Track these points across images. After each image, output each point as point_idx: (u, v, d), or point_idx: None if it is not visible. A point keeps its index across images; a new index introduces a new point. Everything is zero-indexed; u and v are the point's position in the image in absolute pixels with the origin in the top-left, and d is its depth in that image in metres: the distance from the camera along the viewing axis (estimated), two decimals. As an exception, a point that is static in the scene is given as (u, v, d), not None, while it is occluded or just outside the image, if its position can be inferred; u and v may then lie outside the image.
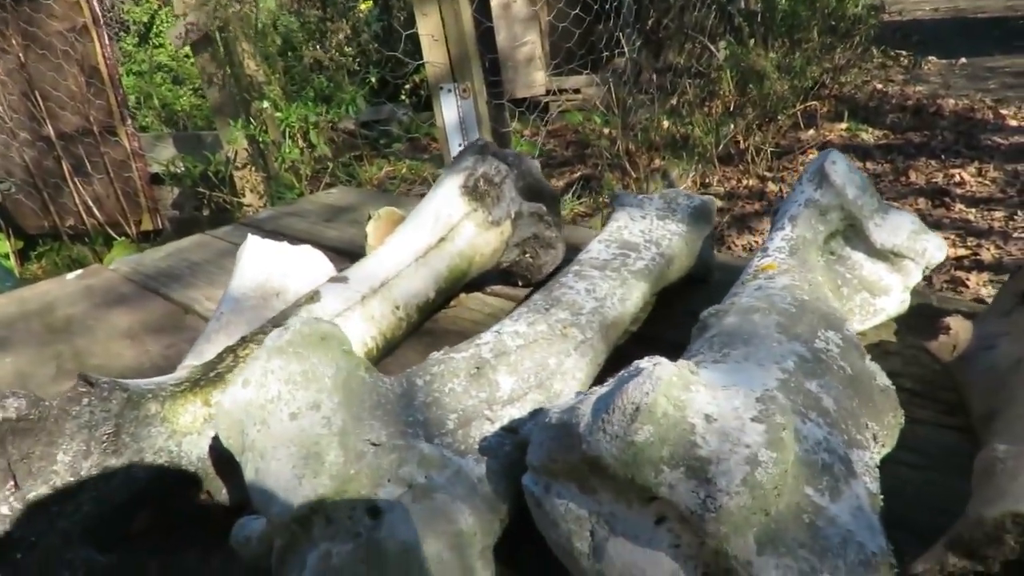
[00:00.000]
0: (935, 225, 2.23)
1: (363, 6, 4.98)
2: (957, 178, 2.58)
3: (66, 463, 0.38)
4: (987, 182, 2.55)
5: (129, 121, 2.49)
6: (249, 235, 0.67)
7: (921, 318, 0.56)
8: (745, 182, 2.81)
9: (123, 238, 2.65)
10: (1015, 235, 2.14)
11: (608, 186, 2.37)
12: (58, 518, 0.37)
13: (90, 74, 2.44)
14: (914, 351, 0.53)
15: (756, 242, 2.28)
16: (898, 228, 0.54)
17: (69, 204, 2.71)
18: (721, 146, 2.83)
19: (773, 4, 3.67)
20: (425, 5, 1.88)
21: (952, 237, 2.16)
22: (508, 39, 4.00)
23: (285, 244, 0.67)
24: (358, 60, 1.90)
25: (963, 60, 4.74)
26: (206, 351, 0.56)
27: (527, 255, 0.68)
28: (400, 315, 0.55)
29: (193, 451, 0.42)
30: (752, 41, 3.16)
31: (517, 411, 0.39)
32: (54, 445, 0.38)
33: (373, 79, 1.86)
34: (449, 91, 1.96)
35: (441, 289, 0.58)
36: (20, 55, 2.46)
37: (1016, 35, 5.33)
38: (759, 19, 3.59)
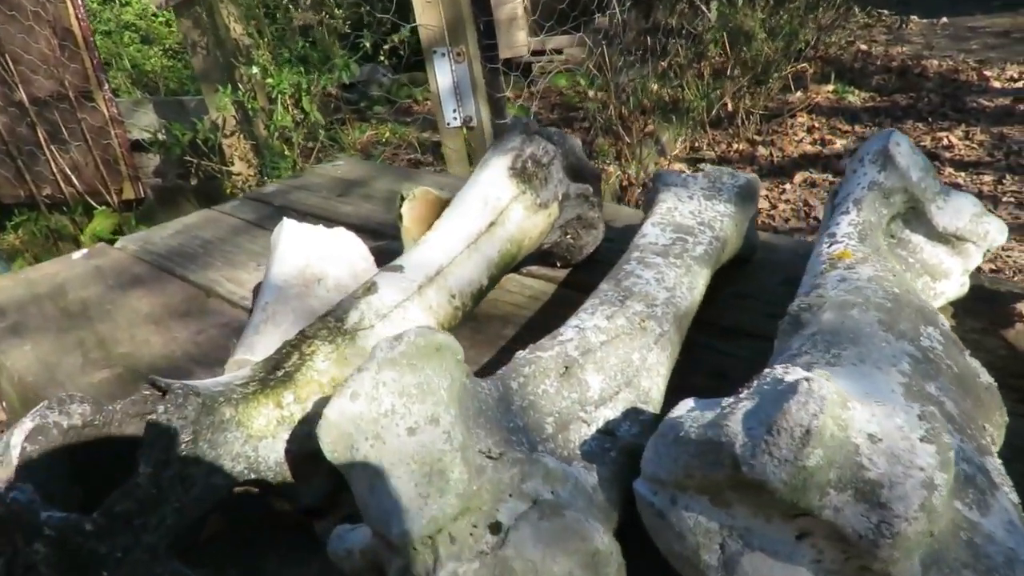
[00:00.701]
0: (926, 189, 2.24)
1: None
2: (945, 141, 2.60)
3: (147, 474, 0.36)
4: (974, 145, 2.57)
5: (106, 86, 2.40)
6: (285, 219, 0.65)
7: (977, 301, 0.56)
8: (736, 146, 2.80)
9: (103, 207, 2.57)
10: (1004, 199, 2.17)
11: (603, 152, 2.35)
12: (143, 532, 0.35)
13: (63, 36, 2.34)
14: (976, 336, 0.53)
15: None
16: (960, 211, 0.53)
17: (45, 172, 2.62)
18: (716, 111, 2.81)
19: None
20: (418, -35, 1.82)
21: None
22: (491, -2, 3.91)
23: (321, 227, 0.65)
24: (348, 23, 1.84)
25: (944, 20, 4.74)
26: (257, 344, 0.54)
27: (568, 236, 0.67)
28: (456, 304, 0.53)
29: (270, 455, 0.40)
30: (740, 1, 3.12)
31: (610, 412, 0.38)
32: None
33: (367, 43, 1.80)
34: (443, 55, 1.91)
35: (493, 276, 0.57)
36: (-13, 16, 2.34)
37: (996, -6, 5.32)
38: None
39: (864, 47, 3.97)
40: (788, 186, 2.40)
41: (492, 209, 0.57)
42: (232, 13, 1.74)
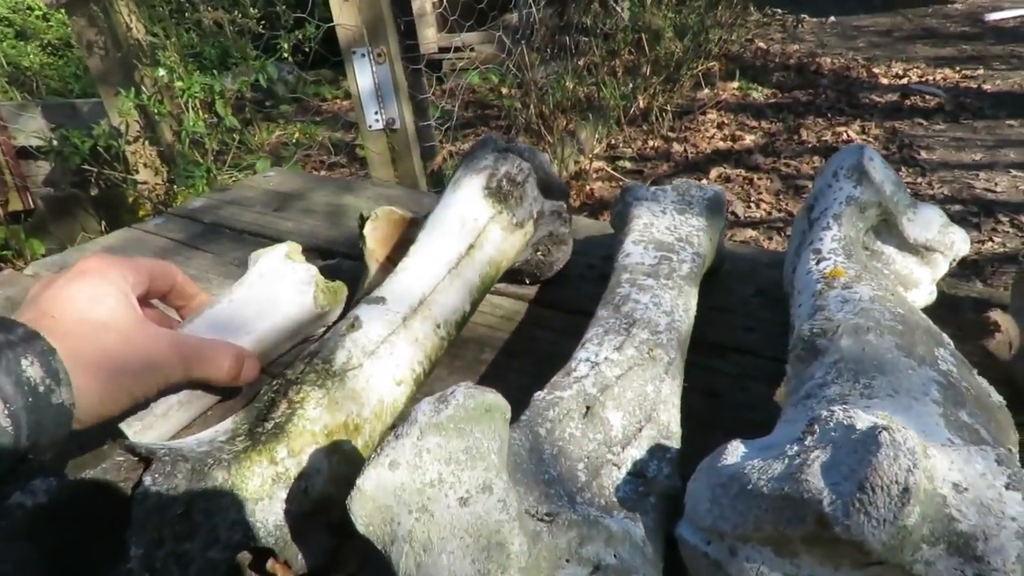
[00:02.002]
0: (832, 183, 2.36)
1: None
2: (845, 136, 2.74)
3: (139, 556, 0.32)
4: (871, 139, 2.73)
5: (-14, 88, 2.20)
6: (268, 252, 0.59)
7: (941, 308, 0.58)
8: (651, 143, 2.87)
9: (-13, 220, 2.36)
10: (902, 190, 2.31)
11: (528, 152, 2.34)
12: (137, 624, 0.31)
13: (-68, 33, 2.12)
14: (947, 342, 0.55)
15: (670, 204, 2.34)
16: (929, 222, 0.55)
17: (-84, 183, 2.38)
18: (630, 108, 2.86)
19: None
20: (333, -38, 1.75)
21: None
22: (400, -6, 3.84)
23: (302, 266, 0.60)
24: (263, 22, 1.75)
25: (832, 19, 5.02)
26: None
27: (539, 253, 0.65)
28: (441, 334, 0.50)
29: (268, 518, 0.37)
30: (648, 1, 3.19)
31: (636, 451, 0.37)
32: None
33: (285, 44, 1.72)
34: (363, 56, 1.85)
35: (475, 300, 0.54)
36: None
37: (875, -6, 5.67)
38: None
39: (763, 45, 4.15)
40: (705, 182, 2.47)
41: (470, 231, 0.55)
42: (133, 11, 1.62)
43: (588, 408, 0.37)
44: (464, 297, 0.53)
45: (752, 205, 2.23)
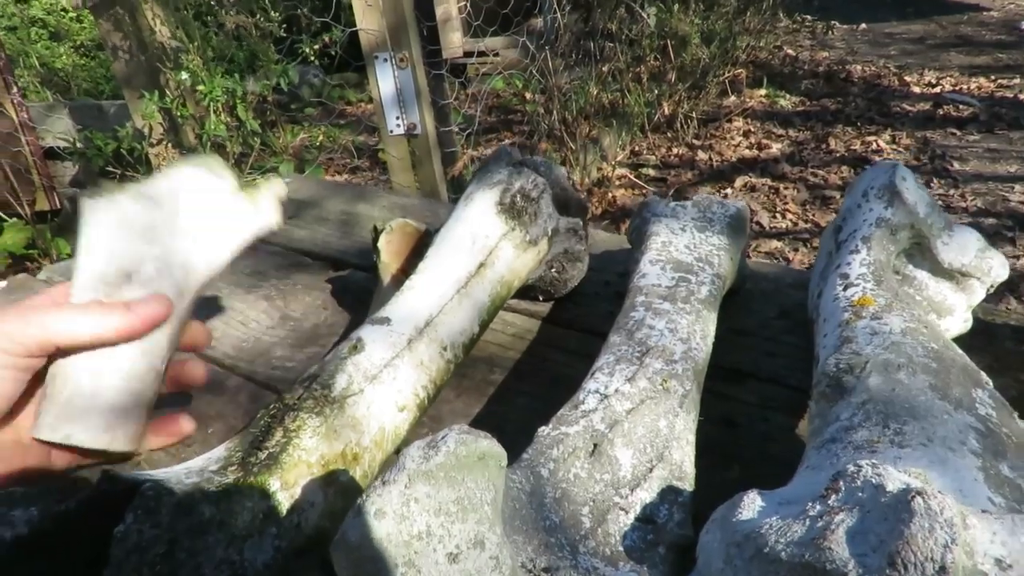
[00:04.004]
0: (860, 193, 2.31)
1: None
2: (874, 145, 2.68)
3: (116, 601, 0.30)
4: (901, 149, 2.67)
5: (15, 90, 2.23)
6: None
7: (975, 336, 0.55)
8: (675, 150, 2.83)
9: (14, 219, 2.39)
10: (933, 202, 2.25)
11: (548, 158, 2.32)
12: (113, 670, 0.30)
13: (-35, 35, 2.16)
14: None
15: (694, 213, 2.30)
16: (965, 246, 0.52)
17: (-54, 182, 2.41)
18: (657, 115, 2.82)
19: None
20: (357, -33, 1.75)
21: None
22: (425, -1, 3.85)
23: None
24: (284, 26, 1.74)
25: (864, 26, 4.94)
26: None
27: (553, 270, 0.63)
28: (448, 357, 0.48)
29: (257, 557, 0.35)
30: (676, 6, 3.15)
31: (646, 494, 0.35)
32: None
33: (307, 49, 1.71)
34: (385, 60, 1.84)
35: (484, 322, 0.52)
36: None
37: (907, 2, 5.59)
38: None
39: (791, 52, 4.08)
40: (729, 191, 2.43)
41: (481, 249, 0.53)
42: (157, 15, 1.63)
43: (595, 446, 0.35)
44: (473, 318, 0.51)
45: (778, 215, 2.19)
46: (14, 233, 2.33)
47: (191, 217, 0.46)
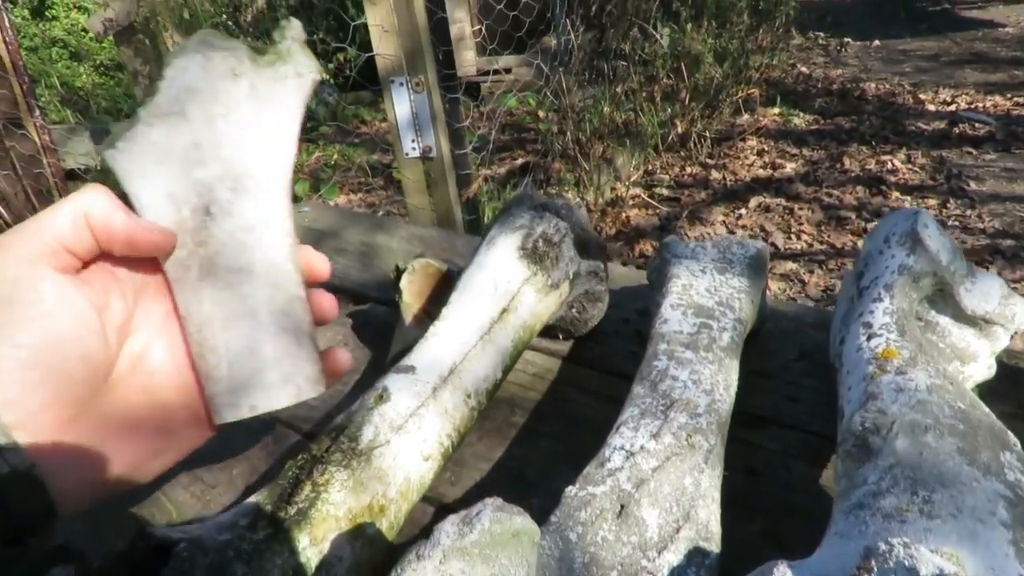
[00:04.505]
0: (876, 214, 2.31)
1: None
2: (890, 165, 2.68)
3: (151, 663, 0.31)
4: (916, 169, 2.66)
5: (38, 113, 2.27)
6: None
7: (999, 380, 0.55)
8: (689, 169, 2.83)
9: (35, 240, 2.42)
10: (949, 223, 2.24)
11: (565, 181, 2.33)
12: None
13: (-11, 60, 2.20)
14: (1006, 422, 0.52)
15: (708, 233, 2.31)
16: (988, 293, 0.52)
17: (-31, 203, 2.45)
18: (670, 135, 2.83)
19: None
20: (374, -7, 1.77)
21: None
22: (440, 18, 3.89)
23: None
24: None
25: (877, 43, 4.94)
26: None
27: (573, 310, 0.64)
28: (472, 404, 0.49)
29: (287, 616, 0.35)
30: (689, 26, 3.17)
31: (673, 556, 0.35)
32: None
33: (328, 77, 1.73)
34: (401, 84, 1.86)
35: (507, 367, 0.53)
36: (-96, 38, 2.19)
37: (921, 18, 5.59)
38: (690, 1, 3.62)
39: (805, 70, 4.09)
40: (744, 211, 2.43)
41: (503, 294, 0.53)
42: (177, 41, 1.65)
43: (622, 507, 0.35)
44: (496, 364, 0.51)
45: (793, 236, 2.19)
46: (35, 253, 2.36)
47: (229, 110, 0.38)
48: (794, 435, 0.53)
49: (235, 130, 0.38)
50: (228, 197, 0.37)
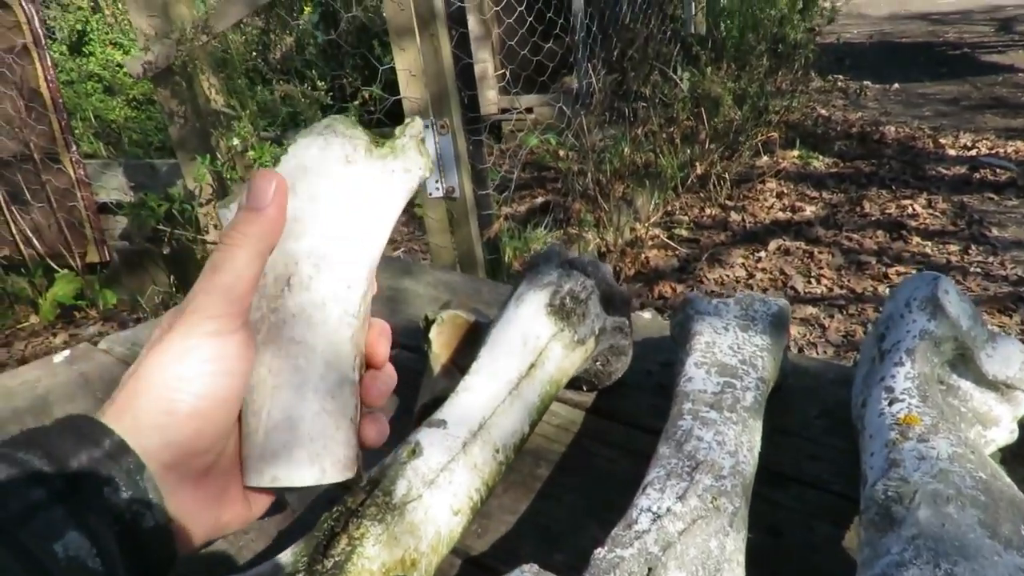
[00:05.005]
0: (897, 259, 2.31)
1: (306, 9, 4.86)
2: (910, 210, 2.68)
3: None
4: (937, 214, 2.66)
5: (74, 148, 2.34)
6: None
7: (1022, 444, 0.55)
8: (708, 211, 2.85)
9: (66, 271, 2.48)
10: (971, 270, 2.23)
11: (585, 221, 2.36)
12: None
13: (30, 97, 2.28)
14: (1029, 486, 0.52)
15: (727, 276, 2.32)
16: (1009, 358, 0.53)
17: (4, 233, 2.53)
18: (690, 176, 2.86)
19: (720, 29, 3.76)
20: (402, 40, 1.83)
21: (914, 272, 2.24)
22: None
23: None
24: (331, 93, 1.82)
25: (896, 86, 4.96)
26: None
27: (598, 363, 0.65)
28: (500, 459, 0.50)
29: (323, 669, 0.37)
30: (708, 69, 3.21)
31: (700, 620, 0.36)
32: None
33: (354, 118, 1.79)
34: (427, 127, 1.91)
35: (534, 421, 0.54)
36: (-51, 76, 2.28)
37: (941, 62, 5.62)
38: (710, 45, 3.67)
39: (824, 112, 4.12)
40: (763, 254, 2.44)
41: (532, 349, 0.55)
42: (213, 84, 1.71)
43: (650, 570, 0.36)
44: (524, 419, 0.53)
45: (812, 280, 2.19)
46: (65, 284, 2.42)
47: (333, 193, 0.40)
48: (816, 494, 0.54)
49: (334, 212, 0.40)
50: (310, 272, 0.39)
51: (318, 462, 0.38)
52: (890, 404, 0.48)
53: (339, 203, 0.40)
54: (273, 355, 0.38)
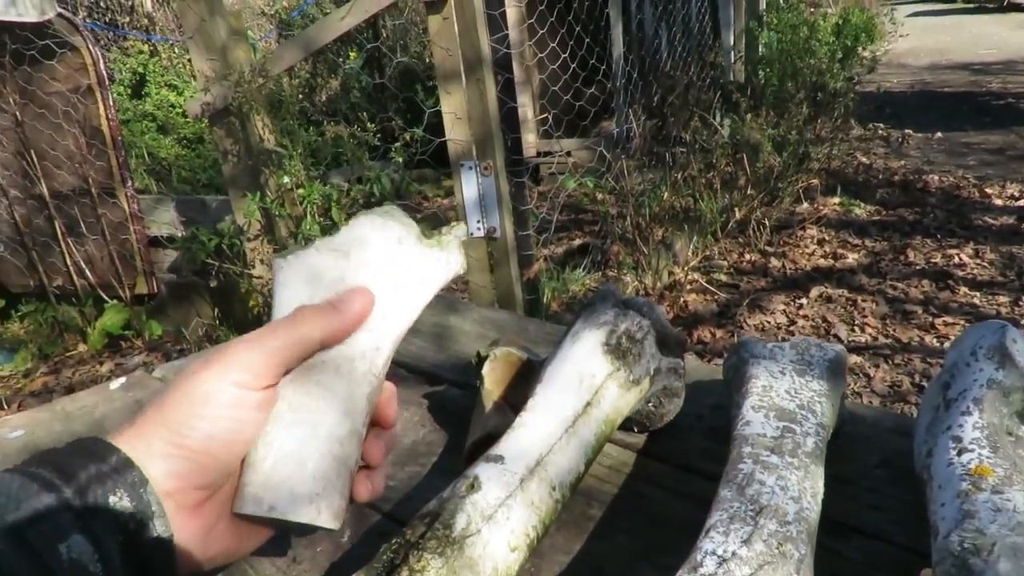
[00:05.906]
0: (944, 309, 2.26)
1: (352, 55, 5.01)
2: (956, 259, 2.63)
3: None
4: (985, 264, 2.61)
5: (129, 183, 2.43)
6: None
7: (1096, 500, 0.53)
8: (748, 256, 2.83)
9: (115, 301, 2.55)
10: (1023, 321, 2.18)
11: (624, 264, 2.36)
12: None
13: (91, 135, 2.38)
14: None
15: (768, 322, 2.29)
16: (1080, 411, 0.51)
17: (58, 264, 2.62)
18: (729, 221, 2.85)
19: (758, 77, 3.78)
20: (449, 84, 1.87)
21: (963, 324, 2.19)
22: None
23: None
24: (378, 135, 1.88)
25: (939, 135, 4.91)
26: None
27: (650, 404, 0.65)
28: (556, 496, 0.50)
29: None
30: (748, 116, 3.23)
31: (770, 669, 0.35)
32: None
33: (399, 158, 1.83)
34: (470, 168, 1.94)
35: (588, 460, 0.54)
36: (17, 114, 2.40)
37: (984, 111, 5.56)
38: (749, 92, 3.69)
39: (865, 160, 4.09)
40: (804, 300, 2.41)
41: (588, 387, 0.55)
42: (266, 124, 1.77)
43: (718, 614, 0.36)
44: (579, 457, 0.53)
45: (856, 329, 2.15)
46: (113, 314, 2.49)
47: (379, 267, 0.45)
48: (879, 546, 0.53)
49: (377, 280, 0.45)
50: None
51: (316, 502, 0.40)
52: (959, 454, 0.47)
53: (385, 275, 0.45)
54: (296, 392, 0.42)
